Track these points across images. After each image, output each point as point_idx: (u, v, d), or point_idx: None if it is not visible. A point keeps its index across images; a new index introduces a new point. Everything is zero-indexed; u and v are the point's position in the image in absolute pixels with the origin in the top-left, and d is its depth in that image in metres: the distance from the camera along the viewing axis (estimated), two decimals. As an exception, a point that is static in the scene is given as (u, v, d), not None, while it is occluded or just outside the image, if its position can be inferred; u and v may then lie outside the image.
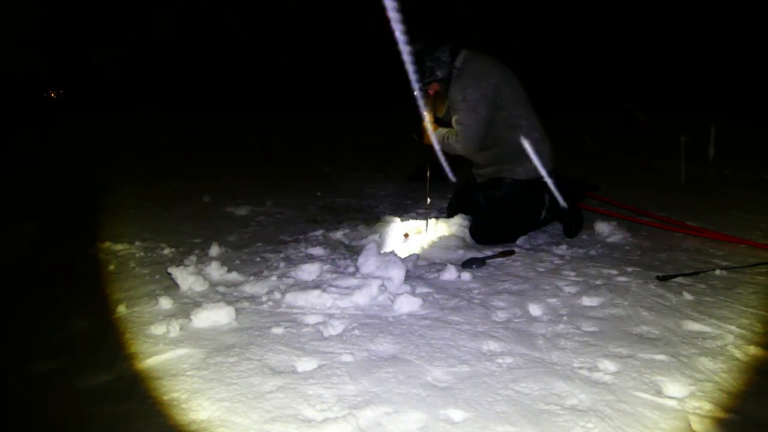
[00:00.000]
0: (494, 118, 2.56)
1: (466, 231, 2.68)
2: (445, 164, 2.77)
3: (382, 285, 1.89)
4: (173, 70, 22.04)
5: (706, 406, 1.20)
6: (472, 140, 2.56)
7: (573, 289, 1.95)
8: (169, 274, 1.99)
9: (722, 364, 1.38)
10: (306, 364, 1.39)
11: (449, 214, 2.98)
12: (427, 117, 2.74)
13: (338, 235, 2.76)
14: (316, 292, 1.83)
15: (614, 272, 2.13)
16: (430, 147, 2.75)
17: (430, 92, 2.69)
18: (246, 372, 1.36)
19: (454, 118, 2.60)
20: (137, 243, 2.58)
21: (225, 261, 2.24)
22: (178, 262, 2.22)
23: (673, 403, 1.21)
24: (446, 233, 2.68)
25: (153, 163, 6.11)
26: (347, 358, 1.43)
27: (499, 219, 2.62)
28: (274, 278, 2.03)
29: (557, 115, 9.14)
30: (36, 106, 19.81)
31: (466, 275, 2.10)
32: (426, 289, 1.95)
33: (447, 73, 2.61)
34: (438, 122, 2.81)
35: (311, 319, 1.68)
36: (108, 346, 1.54)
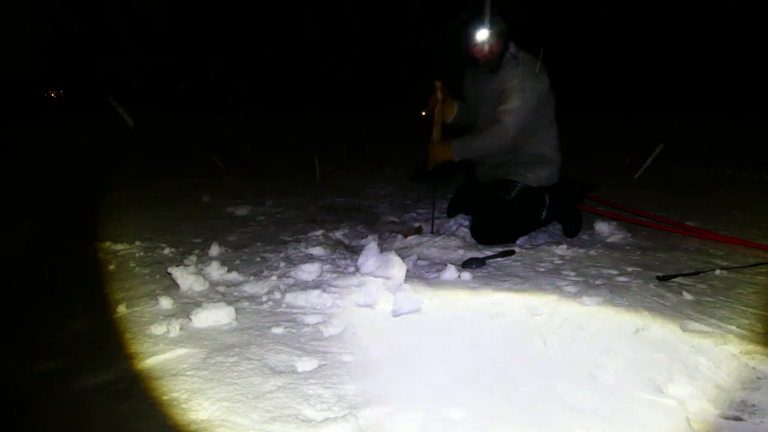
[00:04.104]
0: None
1: (466, 231, 2.68)
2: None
3: (382, 285, 1.89)
4: (173, 69, 22.06)
5: (706, 406, 1.20)
6: (516, 130, 2.44)
7: (573, 289, 1.95)
8: (169, 274, 1.98)
9: (722, 364, 1.38)
10: (306, 364, 1.39)
11: (449, 214, 2.98)
12: (434, 134, 2.63)
13: (338, 235, 2.76)
14: (316, 292, 1.83)
15: (614, 272, 2.13)
16: (437, 168, 2.67)
17: (485, 49, 2.46)
18: (246, 372, 1.36)
19: (503, 107, 2.44)
20: (137, 243, 2.58)
21: (225, 261, 2.24)
22: (178, 262, 2.22)
23: (673, 403, 1.21)
24: (446, 233, 2.68)
25: (153, 162, 6.11)
26: (347, 358, 1.43)
27: (503, 220, 2.62)
28: (274, 278, 2.03)
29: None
30: (36, 105, 19.82)
31: (466, 275, 2.10)
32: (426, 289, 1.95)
33: (502, 48, 2.48)
34: (443, 127, 2.73)
35: (311, 319, 1.68)
36: (108, 346, 1.54)
